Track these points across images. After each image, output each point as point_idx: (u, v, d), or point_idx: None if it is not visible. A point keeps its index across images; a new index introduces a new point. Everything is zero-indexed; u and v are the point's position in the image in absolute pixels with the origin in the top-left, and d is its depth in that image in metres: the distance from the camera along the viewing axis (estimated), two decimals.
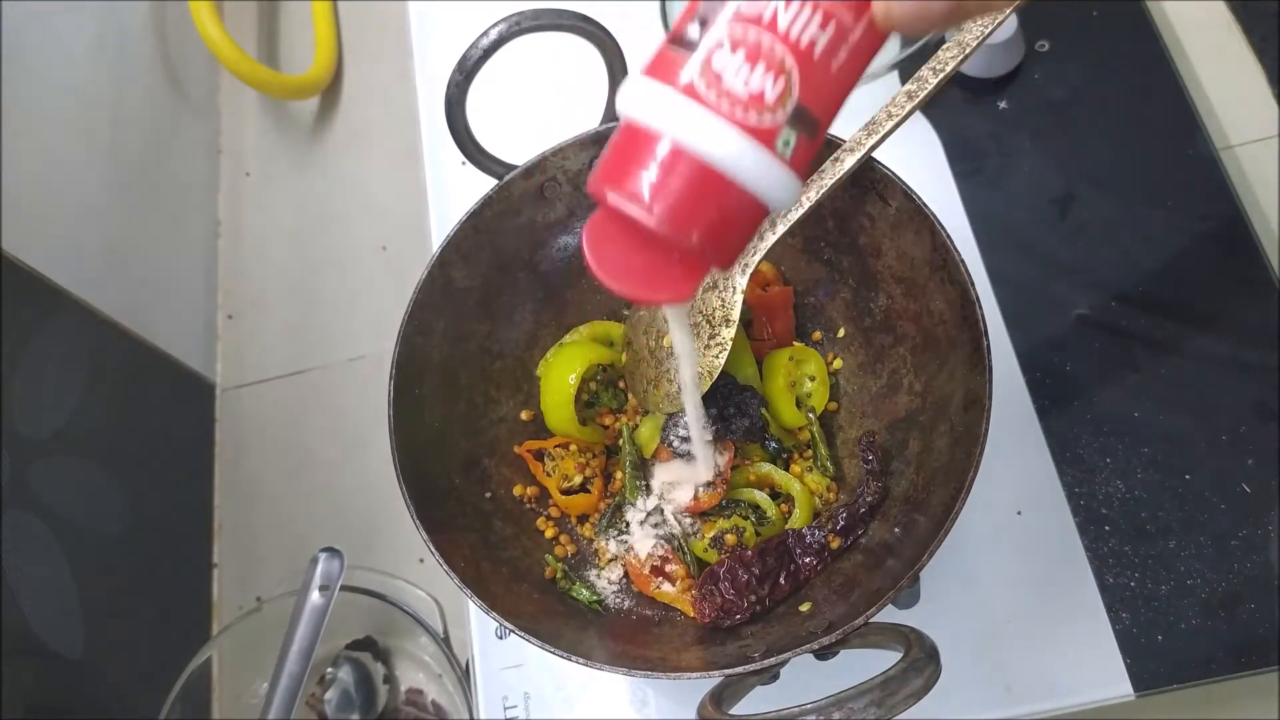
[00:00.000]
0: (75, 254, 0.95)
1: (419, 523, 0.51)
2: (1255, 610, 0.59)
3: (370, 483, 1.06)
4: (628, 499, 0.60)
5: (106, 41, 1.10)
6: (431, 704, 0.89)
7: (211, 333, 1.19)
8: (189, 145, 1.25)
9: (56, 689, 0.81)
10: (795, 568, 0.54)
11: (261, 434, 1.13)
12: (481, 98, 0.57)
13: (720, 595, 0.53)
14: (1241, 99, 0.77)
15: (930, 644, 0.41)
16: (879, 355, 0.60)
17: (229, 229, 1.26)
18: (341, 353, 1.15)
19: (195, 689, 0.89)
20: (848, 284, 0.61)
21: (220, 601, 1.04)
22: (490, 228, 0.60)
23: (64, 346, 0.92)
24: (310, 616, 0.73)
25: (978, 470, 0.47)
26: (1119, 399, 0.66)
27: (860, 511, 0.54)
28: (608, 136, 0.60)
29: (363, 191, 1.25)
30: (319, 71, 1.28)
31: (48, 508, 0.84)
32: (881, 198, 0.55)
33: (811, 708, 0.39)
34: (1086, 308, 0.69)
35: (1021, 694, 0.59)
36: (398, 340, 0.56)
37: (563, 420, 0.59)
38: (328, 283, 1.21)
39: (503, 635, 0.65)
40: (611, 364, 0.62)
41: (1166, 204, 0.71)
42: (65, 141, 0.98)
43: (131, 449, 0.99)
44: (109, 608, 0.89)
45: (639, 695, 0.62)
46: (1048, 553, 0.62)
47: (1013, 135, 0.75)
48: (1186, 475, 0.63)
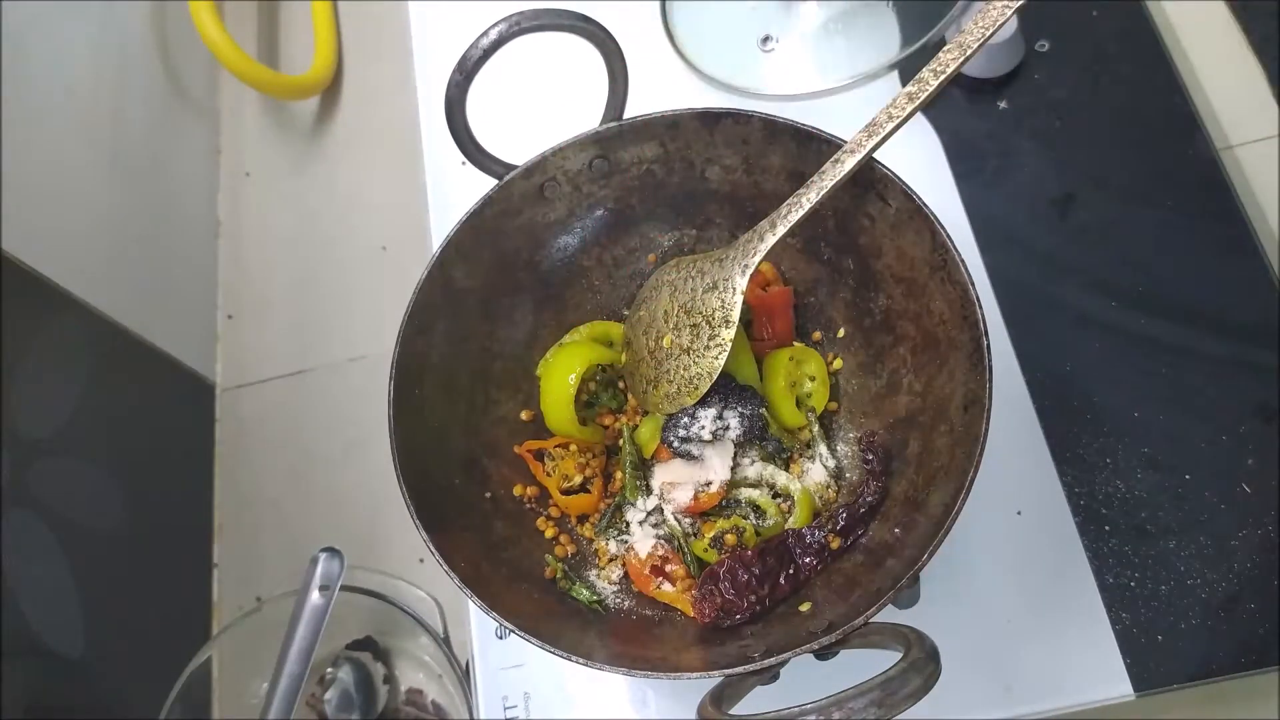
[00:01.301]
0: (75, 254, 0.95)
1: (419, 523, 0.51)
2: (1255, 610, 0.59)
3: (370, 483, 1.06)
4: (628, 499, 0.60)
5: (106, 41, 1.10)
6: (431, 704, 0.89)
7: (211, 333, 1.19)
8: (189, 145, 1.25)
9: (56, 689, 0.81)
10: (795, 568, 0.54)
11: (261, 434, 1.13)
12: (481, 98, 0.57)
13: (720, 595, 0.53)
14: (1241, 99, 0.77)
15: (930, 644, 0.41)
16: (879, 355, 0.60)
17: (229, 229, 1.26)
18: (341, 353, 1.15)
19: (195, 689, 0.89)
20: (848, 284, 0.61)
21: (220, 601, 1.04)
22: (490, 228, 0.60)
23: (64, 346, 0.92)
24: (310, 616, 0.73)
25: (978, 470, 0.47)
26: (1119, 399, 0.66)
27: (860, 511, 0.54)
28: (608, 136, 0.60)
29: (363, 191, 1.25)
30: (319, 71, 1.28)
31: (48, 508, 0.84)
32: (881, 198, 0.55)
33: (811, 708, 0.39)
34: (1086, 308, 0.69)
35: (1021, 694, 0.59)
36: (398, 340, 0.56)
37: (563, 420, 0.59)
38: (328, 283, 1.21)
39: (503, 635, 0.65)
40: (611, 364, 0.62)
41: (1166, 204, 0.71)
42: (65, 141, 0.98)
43: (131, 449, 0.99)
44: (109, 608, 0.89)
45: (639, 695, 0.62)
46: (1048, 552, 0.62)
47: (1013, 135, 0.75)
48: (1186, 475, 0.63)
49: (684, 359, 0.56)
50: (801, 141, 0.57)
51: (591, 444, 0.61)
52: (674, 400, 0.57)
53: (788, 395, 0.60)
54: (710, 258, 0.57)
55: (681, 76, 0.79)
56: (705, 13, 0.81)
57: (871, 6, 0.79)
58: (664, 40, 0.80)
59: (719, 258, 0.56)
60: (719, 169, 0.61)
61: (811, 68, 0.79)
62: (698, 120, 0.59)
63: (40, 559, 0.82)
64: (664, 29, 0.80)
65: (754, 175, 0.60)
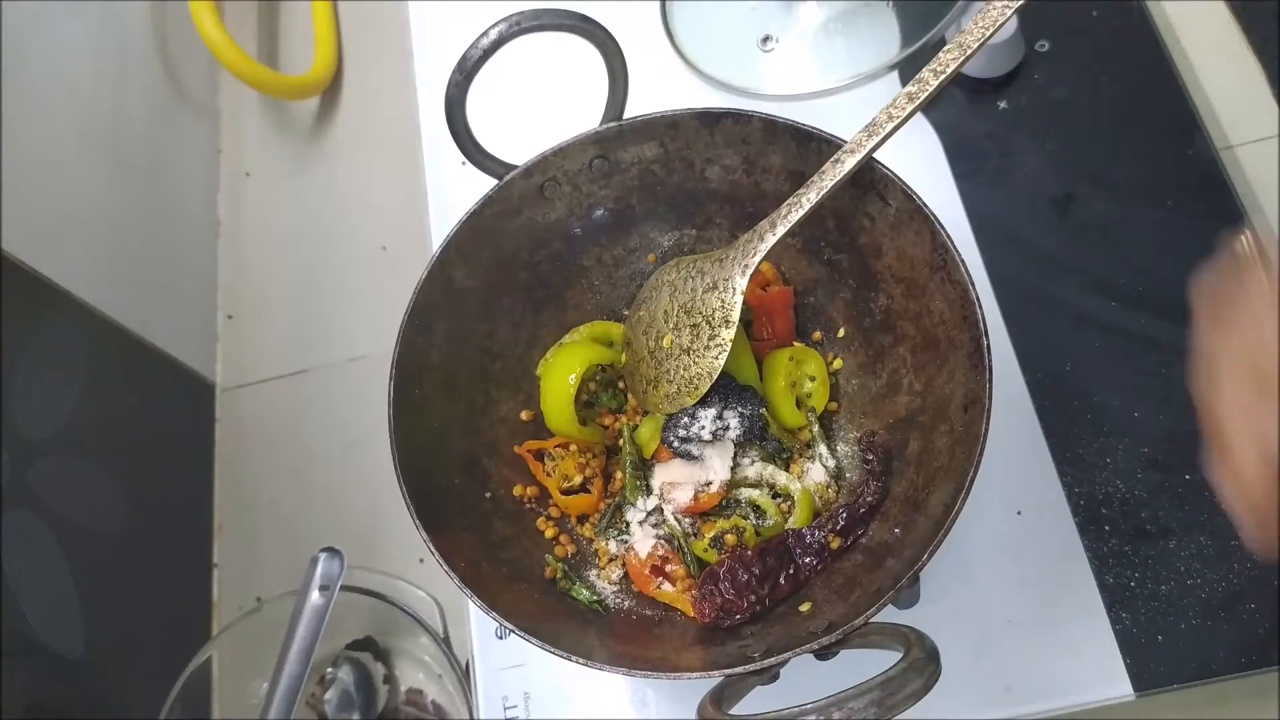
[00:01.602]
0: (75, 254, 0.95)
1: (419, 523, 0.51)
2: (1255, 610, 0.59)
3: (370, 483, 1.06)
4: (628, 499, 0.60)
5: (106, 41, 1.10)
6: (431, 704, 0.89)
7: (211, 333, 1.19)
8: (189, 145, 1.25)
9: (56, 689, 0.81)
10: (795, 568, 0.54)
11: (261, 434, 1.13)
12: (481, 98, 0.57)
13: (720, 595, 0.53)
14: (1241, 99, 0.77)
15: (930, 644, 0.41)
16: (879, 355, 0.60)
17: (229, 229, 1.26)
18: (341, 353, 1.15)
19: (195, 689, 0.89)
20: (848, 284, 0.61)
21: (220, 601, 1.04)
22: (490, 228, 0.60)
23: (64, 346, 0.92)
24: (310, 616, 0.73)
25: (978, 470, 0.47)
26: (1119, 399, 0.66)
27: (860, 511, 0.54)
28: (608, 136, 0.60)
29: (363, 191, 1.25)
30: (319, 71, 1.28)
31: (48, 508, 0.84)
32: (881, 198, 0.55)
33: (811, 708, 0.39)
34: (1086, 308, 0.68)
35: (1021, 694, 0.59)
36: (398, 340, 0.56)
37: (563, 420, 0.59)
38: (328, 283, 1.21)
39: (503, 635, 0.65)
40: (611, 364, 0.62)
41: (1166, 204, 0.71)
42: (65, 141, 0.98)
43: (131, 449, 0.99)
44: (109, 608, 0.89)
45: (639, 695, 0.62)
46: (1048, 553, 0.62)
47: (1013, 135, 0.75)
48: (1186, 475, 0.63)
49: (684, 359, 0.56)
50: (801, 141, 0.57)
51: (591, 444, 0.61)
52: (674, 400, 0.57)
53: (788, 395, 0.60)
54: (710, 258, 0.57)
55: (681, 76, 0.79)
56: (705, 13, 0.81)
57: (871, 6, 0.79)
58: (664, 40, 0.80)
59: (719, 258, 0.56)
60: (719, 169, 0.61)
61: (811, 68, 0.79)
62: (698, 120, 0.59)
63: (40, 559, 0.82)
64: (664, 29, 0.80)
65: (754, 175, 0.60)
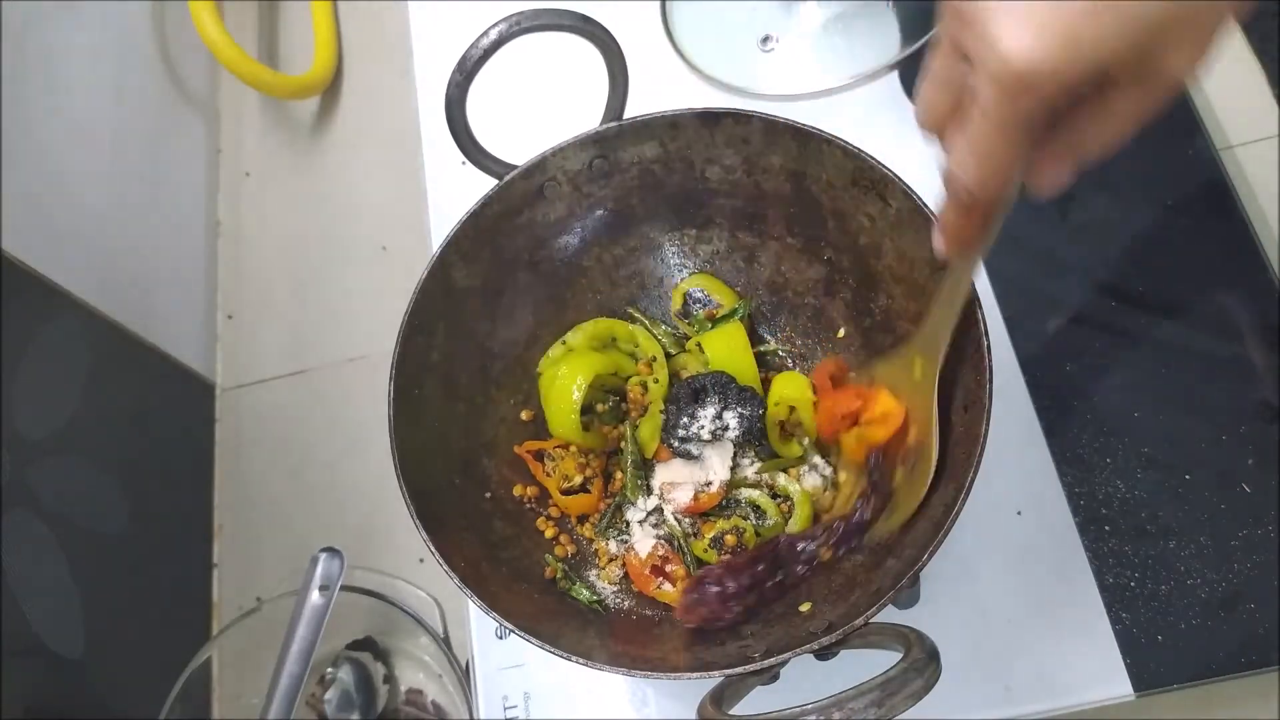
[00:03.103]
0: (75, 254, 0.95)
1: (419, 523, 0.51)
2: (1255, 610, 0.59)
3: (370, 483, 1.06)
4: (628, 499, 0.60)
5: (106, 41, 1.10)
6: (431, 704, 0.89)
7: (211, 333, 1.19)
8: (189, 145, 1.25)
9: (56, 689, 0.81)
10: (785, 574, 0.54)
11: (261, 434, 1.13)
12: (481, 98, 0.57)
13: (706, 605, 0.53)
14: (1241, 99, 0.77)
15: (930, 644, 0.41)
16: (879, 355, 0.59)
17: (229, 229, 1.26)
18: (341, 353, 1.15)
19: (195, 689, 0.89)
20: (848, 284, 0.61)
21: (220, 601, 1.04)
22: (490, 228, 0.60)
23: (64, 346, 0.92)
24: (310, 616, 0.73)
25: (978, 470, 0.47)
26: (1119, 399, 0.66)
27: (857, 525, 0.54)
28: (608, 136, 0.60)
29: (363, 191, 1.25)
30: (319, 71, 1.28)
31: (48, 508, 0.84)
32: (881, 198, 0.55)
33: (812, 708, 0.39)
34: (1087, 308, 0.68)
35: (1021, 694, 0.59)
36: (398, 340, 0.56)
37: (568, 429, 0.59)
38: (328, 283, 1.21)
39: (503, 635, 0.65)
40: (614, 372, 0.61)
41: (1166, 204, 0.71)
42: (65, 141, 0.98)
43: (131, 449, 0.99)
44: (109, 608, 0.89)
45: (639, 695, 0.62)
46: (1048, 553, 0.62)
47: None
48: (1186, 475, 0.63)
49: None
50: (801, 141, 0.56)
51: (593, 447, 0.61)
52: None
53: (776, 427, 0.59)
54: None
55: (681, 76, 0.79)
56: (705, 13, 0.81)
57: (871, 6, 0.79)
58: (664, 40, 0.80)
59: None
60: (719, 169, 0.61)
61: (812, 68, 0.79)
62: (698, 120, 0.59)
63: (40, 559, 0.82)
64: (664, 29, 0.80)
65: (754, 175, 0.60)
